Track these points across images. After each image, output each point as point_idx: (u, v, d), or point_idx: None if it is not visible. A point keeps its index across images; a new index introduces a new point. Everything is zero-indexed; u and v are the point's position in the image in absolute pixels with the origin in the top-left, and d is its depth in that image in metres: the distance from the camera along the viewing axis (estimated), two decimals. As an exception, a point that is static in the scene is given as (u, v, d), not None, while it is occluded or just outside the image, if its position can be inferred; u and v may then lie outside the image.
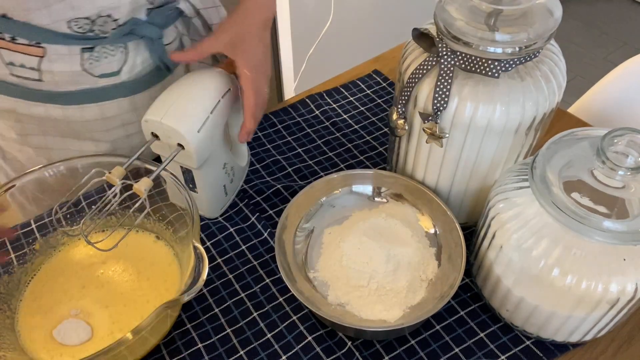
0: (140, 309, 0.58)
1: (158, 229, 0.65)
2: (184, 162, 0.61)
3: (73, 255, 0.64)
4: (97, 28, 0.63)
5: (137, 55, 0.68)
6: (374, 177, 0.68)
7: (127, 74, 0.68)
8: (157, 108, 0.58)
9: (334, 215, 0.67)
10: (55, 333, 0.57)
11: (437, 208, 0.64)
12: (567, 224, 0.48)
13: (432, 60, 0.54)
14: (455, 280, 0.56)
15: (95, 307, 0.59)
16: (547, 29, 0.51)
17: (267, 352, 0.58)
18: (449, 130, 0.56)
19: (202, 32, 0.74)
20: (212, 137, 0.61)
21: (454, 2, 0.53)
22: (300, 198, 0.65)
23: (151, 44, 0.68)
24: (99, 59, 0.65)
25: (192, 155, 0.59)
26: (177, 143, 0.58)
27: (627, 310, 0.52)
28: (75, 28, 0.61)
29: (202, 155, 0.60)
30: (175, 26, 0.71)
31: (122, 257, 0.63)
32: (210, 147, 0.61)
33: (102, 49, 0.65)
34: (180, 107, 0.58)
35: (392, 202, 0.68)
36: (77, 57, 0.64)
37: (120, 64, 0.67)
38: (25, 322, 0.58)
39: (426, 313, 0.55)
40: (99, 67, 0.65)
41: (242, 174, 0.74)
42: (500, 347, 0.59)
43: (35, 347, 0.56)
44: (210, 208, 0.69)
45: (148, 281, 0.61)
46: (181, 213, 0.60)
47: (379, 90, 0.89)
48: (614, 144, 0.48)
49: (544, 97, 0.54)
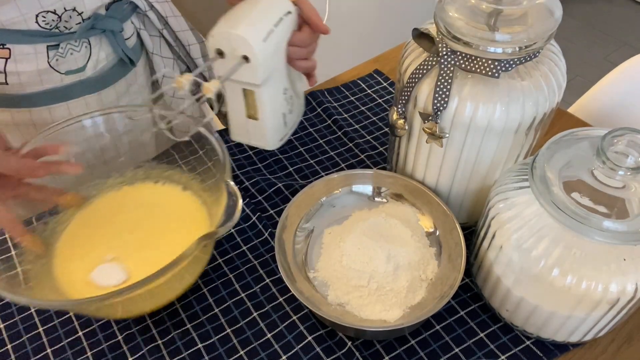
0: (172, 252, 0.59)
1: (186, 180, 0.67)
2: (248, 78, 0.62)
3: (104, 206, 0.66)
4: (62, 24, 0.64)
5: (100, 50, 0.69)
6: (374, 177, 0.68)
7: (91, 69, 0.69)
8: (224, 22, 0.60)
9: (334, 215, 0.67)
10: (92, 276, 0.59)
11: (437, 208, 0.64)
12: (567, 224, 0.48)
13: (432, 60, 0.54)
14: (455, 280, 0.56)
15: (129, 252, 0.61)
16: (547, 29, 0.51)
17: (267, 352, 0.59)
18: (449, 130, 0.56)
19: (158, 25, 0.75)
20: (275, 52, 0.62)
21: (454, 2, 0.53)
22: (300, 198, 0.65)
23: (113, 37, 0.69)
24: (65, 55, 0.66)
25: (257, 67, 0.60)
26: (242, 55, 0.59)
27: (627, 310, 0.52)
28: (43, 24, 0.62)
29: (265, 69, 0.61)
30: (131, 21, 0.72)
31: (152, 205, 0.65)
32: (272, 62, 0.63)
33: (67, 46, 0.66)
34: (247, 19, 0.60)
35: (392, 202, 0.68)
36: (43, 55, 0.64)
37: (84, 59, 0.68)
38: (62, 267, 0.60)
39: (426, 313, 0.55)
40: (65, 63, 0.66)
41: (300, 109, 0.75)
42: (500, 347, 0.59)
43: (74, 290, 0.58)
44: (270, 136, 0.69)
45: (177, 227, 0.63)
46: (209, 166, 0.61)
47: (379, 90, 0.89)
48: (614, 144, 0.48)
49: (544, 97, 0.54)
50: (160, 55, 0.77)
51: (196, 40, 0.80)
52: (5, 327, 0.61)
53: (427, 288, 0.60)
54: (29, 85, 0.66)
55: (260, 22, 0.60)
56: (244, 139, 0.70)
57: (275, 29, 0.61)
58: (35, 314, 0.62)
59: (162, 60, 0.77)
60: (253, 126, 0.67)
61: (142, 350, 0.59)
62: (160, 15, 0.75)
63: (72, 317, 0.62)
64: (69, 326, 0.61)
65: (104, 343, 0.60)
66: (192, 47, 0.79)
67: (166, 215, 0.64)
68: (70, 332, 0.61)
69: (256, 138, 0.69)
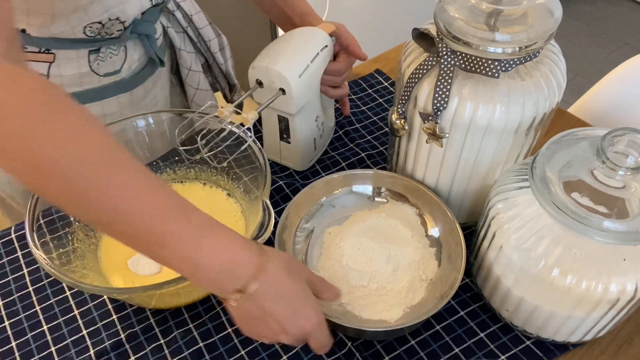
0: None
1: (230, 186, 0.70)
2: (284, 108, 0.67)
3: None
4: (105, 31, 0.66)
5: (134, 53, 0.72)
6: (373, 177, 0.68)
7: (127, 70, 0.72)
8: (264, 57, 0.65)
9: (334, 215, 0.67)
10: (129, 263, 0.62)
11: (437, 208, 0.64)
12: (567, 224, 0.48)
13: (432, 60, 0.54)
14: (455, 280, 0.56)
15: None
16: (547, 29, 0.51)
17: (268, 352, 0.59)
18: (449, 130, 0.56)
19: (183, 23, 0.78)
20: (310, 85, 0.67)
21: (454, 2, 0.53)
22: (300, 198, 0.65)
23: (146, 40, 0.71)
24: (104, 59, 0.68)
25: (292, 100, 0.65)
26: (279, 88, 0.65)
27: (627, 310, 0.52)
28: (89, 33, 0.65)
29: (300, 101, 0.66)
30: (159, 21, 0.74)
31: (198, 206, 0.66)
32: (307, 95, 0.67)
33: (107, 50, 0.68)
34: (285, 55, 0.65)
35: (392, 202, 0.68)
36: (85, 60, 0.67)
37: (121, 62, 0.71)
38: (105, 250, 0.64)
39: (426, 313, 0.55)
40: (104, 66, 0.69)
41: (329, 132, 0.80)
42: (500, 347, 0.59)
43: (112, 273, 0.62)
44: (301, 159, 0.75)
45: None
46: (255, 175, 0.63)
47: (380, 90, 0.89)
48: (614, 144, 0.48)
49: (544, 97, 0.54)
50: (185, 50, 0.80)
51: (214, 34, 0.82)
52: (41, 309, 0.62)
53: (427, 288, 0.60)
54: (68, 86, 0.68)
55: (298, 58, 0.66)
56: (276, 158, 0.77)
57: (311, 65, 0.66)
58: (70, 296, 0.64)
59: (187, 56, 0.80)
60: (285, 148, 0.73)
61: (145, 350, 0.59)
62: (185, 14, 0.78)
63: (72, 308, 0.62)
64: (69, 315, 0.62)
65: (107, 341, 0.60)
66: (212, 42, 0.82)
67: None
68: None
69: (287, 159, 0.76)
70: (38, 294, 0.64)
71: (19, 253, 0.68)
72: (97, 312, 0.62)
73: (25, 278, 0.66)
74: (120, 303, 0.63)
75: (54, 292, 0.64)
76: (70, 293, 0.64)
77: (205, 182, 0.71)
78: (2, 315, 0.62)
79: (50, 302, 0.63)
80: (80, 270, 0.58)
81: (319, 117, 0.73)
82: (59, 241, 0.58)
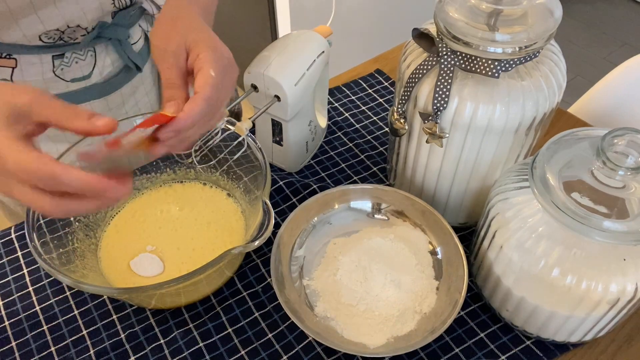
0: (207, 254, 0.63)
1: (230, 186, 0.70)
2: (278, 113, 0.67)
3: (154, 199, 0.70)
4: (67, 36, 0.64)
5: (106, 57, 0.69)
6: (372, 193, 0.67)
7: (97, 76, 0.69)
8: (260, 61, 0.64)
9: (344, 228, 0.66)
10: (132, 263, 0.62)
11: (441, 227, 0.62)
12: (567, 224, 0.48)
13: (432, 60, 0.54)
14: (450, 315, 0.55)
15: (168, 247, 0.64)
16: (547, 29, 0.51)
17: (268, 352, 0.59)
18: (449, 130, 0.56)
19: None
20: (304, 92, 0.67)
21: (454, 2, 0.53)
22: (299, 210, 0.64)
23: (119, 45, 0.69)
24: (70, 64, 0.66)
25: (287, 107, 0.65)
26: (274, 95, 0.64)
27: (627, 311, 0.52)
28: (46, 39, 0.63)
29: (294, 108, 0.66)
30: (139, 25, 0.72)
31: (196, 207, 0.68)
32: (302, 102, 0.67)
33: (72, 55, 0.66)
34: (282, 62, 0.64)
35: (403, 225, 0.66)
36: (49, 65, 0.65)
37: (90, 67, 0.68)
38: (106, 251, 0.64)
39: (411, 346, 0.53)
40: (70, 71, 0.67)
41: (321, 135, 0.80)
42: (500, 347, 0.59)
43: (113, 273, 0.62)
44: (293, 161, 0.75)
45: (216, 232, 0.65)
46: (255, 174, 0.63)
47: (380, 90, 0.89)
48: (614, 144, 0.48)
49: (544, 97, 0.54)
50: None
51: None
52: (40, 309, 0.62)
53: (419, 321, 0.58)
54: None
55: (294, 66, 0.65)
56: (269, 158, 0.75)
57: (307, 73, 0.66)
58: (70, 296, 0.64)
59: None
60: (278, 150, 0.74)
61: (145, 350, 0.59)
62: None
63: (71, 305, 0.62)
64: (70, 315, 0.62)
65: (107, 341, 0.60)
66: None
67: (208, 219, 0.67)
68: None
69: (279, 160, 0.76)
70: (38, 294, 0.64)
71: (19, 253, 0.68)
72: (97, 312, 0.62)
73: (25, 278, 0.66)
74: (120, 303, 0.63)
75: (53, 292, 0.64)
76: (70, 293, 0.64)
77: (205, 182, 0.71)
78: (2, 315, 0.63)
79: (50, 302, 0.63)
80: (80, 270, 0.58)
81: (312, 122, 0.74)
82: (59, 241, 0.58)
